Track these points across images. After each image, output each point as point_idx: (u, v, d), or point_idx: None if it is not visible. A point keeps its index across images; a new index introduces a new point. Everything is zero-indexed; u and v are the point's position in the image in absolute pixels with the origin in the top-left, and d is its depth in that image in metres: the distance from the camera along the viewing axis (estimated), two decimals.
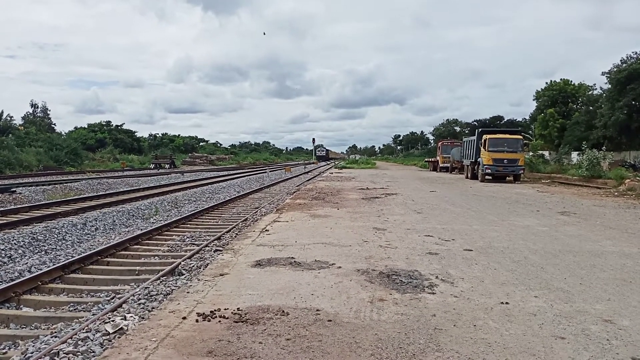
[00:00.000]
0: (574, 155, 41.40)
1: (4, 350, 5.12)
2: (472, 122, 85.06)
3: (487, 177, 27.21)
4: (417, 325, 4.21)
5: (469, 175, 30.48)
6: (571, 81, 57.38)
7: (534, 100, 61.60)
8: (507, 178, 27.79)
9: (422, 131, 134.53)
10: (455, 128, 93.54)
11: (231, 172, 43.54)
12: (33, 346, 4.96)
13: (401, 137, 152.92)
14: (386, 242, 8.05)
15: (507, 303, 4.89)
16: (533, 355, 3.63)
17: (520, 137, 29.11)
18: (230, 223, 13.16)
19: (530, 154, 37.85)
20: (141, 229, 11.93)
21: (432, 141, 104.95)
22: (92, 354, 4.35)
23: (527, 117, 73.93)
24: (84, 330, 4.90)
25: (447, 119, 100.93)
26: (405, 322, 4.29)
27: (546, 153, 45.68)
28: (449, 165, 40.04)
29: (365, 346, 3.73)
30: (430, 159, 50.63)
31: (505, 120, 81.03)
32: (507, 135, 28.40)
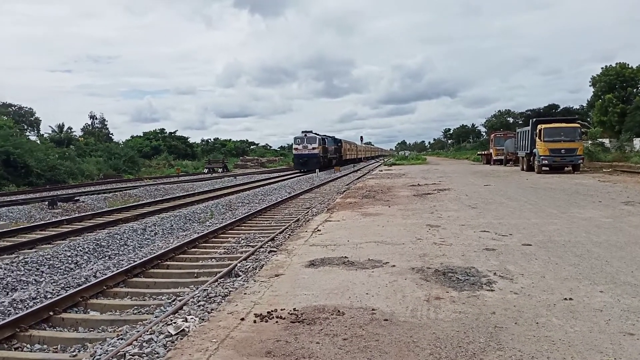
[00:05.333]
0: (637, 142, 39.41)
1: (74, 353, 5.38)
2: (526, 112, 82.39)
3: (544, 168, 26.29)
4: (476, 323, 4.12)
5: (524, 167, 29.56)
6: (629, 64, 54.60)
7: (590, 86, 59.10)
8: (566, 168, 26.78)
9: (473, 124, 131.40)
10: (508, 119, 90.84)
11: (281, 173, 44.09)
12: (101, 349, 5.18)
13: (452, 131, 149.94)
14: (440, 239, 7.93)
15: (570, 299, 4.72)
16: (600, 353, 3.49)
17: (578, 125, 27.94)
18: (283, 224, 13.31)
19: (589, 142, 36.32)
20: (198, 233, 12.25)
21: (484, 134, 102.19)
22: (157, 355, 4.51)
23: (585, 104, 70.94)
24: (148, 333, 5.08)
25: (499, 110, 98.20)
26: (464, 320, 4.21)
27: (606, 141, 43.74)
28: (502, 157, 38.96)
29: (423, 345, 3.69)
30: (483, 152, 49.40)
31: (561, 108, 77.95)
32: (564, 124, 27.32)
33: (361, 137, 78.08)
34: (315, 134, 45.61)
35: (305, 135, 44.62)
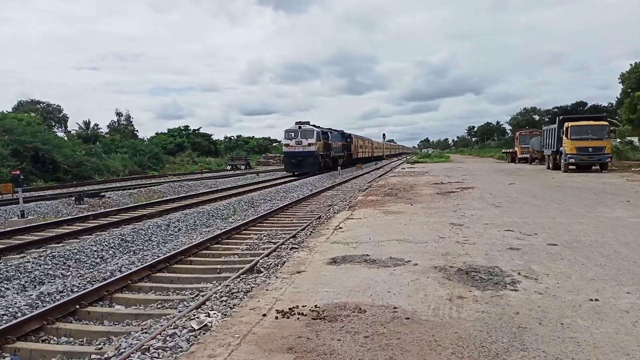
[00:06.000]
0: None
1: (99, 346, 5.48)
2: (552, 109, 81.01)
3: (570, 167, 25.79)
4: (499, 323, 4.08)
5: (550, 165, 29.06)
6: None
7: (619, 83, 57.72)
8: (593, 167, 26.22)
9: (498, 121, 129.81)
10: (534, 116, 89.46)
11: None
12: (126, 342, 5.28)
13: (476, 129, 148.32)
14: (463, 238, 7.85)
15: (596, 300, 4.62)
16: (627, 355, 3.42)
17: (606, 123, 27.34)
18: (305, 221, 13.34)
19: (618, 140, 35.49)
20: (221, 229, 12.37)
21: (509, 131, 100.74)
22: (180, 349, 4.57)
23: (613, 102, 69.38)
24: (172, 327, 5.16)
25: (525, 108, 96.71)
26: (487, 320, 4.16)
27: (635, 139, 42.64)
28: (528, 155, 38.36)
29: (445, 344, 3.66)
30: (508, 150, 48.74)
31: (589, 105, 76.51)
32: (591, 122, 26.73)
33: (384, 135, 77.70)
34: (313, 126, 37.03)
35: (300, 127, 35.68)
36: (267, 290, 5.29)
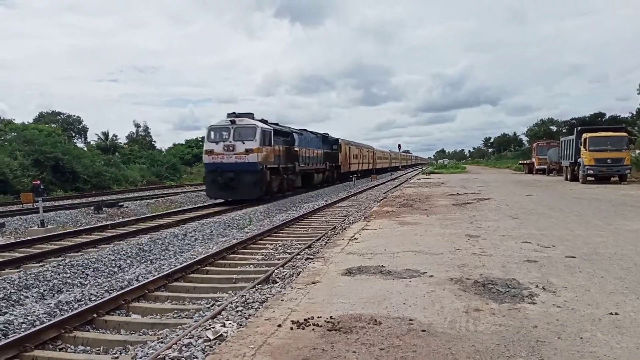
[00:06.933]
0: None
1: (116, 355, 5.53)
2: (570, 120, 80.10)
3: (589, 178, 25.48)
4: (517, 337, 4.03)
5: (568, 177, 28.75)
6: None
7: (638, 94, 56.99)
8: (612, 179, 25.89)
9: (514, 132, 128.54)
10: (552, 127, 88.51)
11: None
12: (142, 351, 5.32)
13: (492, 140, 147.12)
14: (480, 250, 7.78)
15: (616, 314, 4.55)
16: None
17: (625, 134, 27.03)
18: (320, 231, 13.34)
19: (637, 151, 34.92)
20: (237, 239, 12.42)
21: (526, 142, 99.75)
22: (195, 359, 4.59)
23: (633, 113, 68.39)
24: (187, 337, 5.19)
25: (542, 119, 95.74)
26: (504, 333, 4.12)
27: None
28: (545, 167, 38.00)
29: (462, 358, 3.63)
30: (525, 161, 48.28)
31: (608, 116, 75.42)
32: (610, 133, 26.46)
33: (399, 145, 77.30)
34: (261, 120, 22.96)
35: (233, 122, 21.47)
36: (282, 300, 5.30)
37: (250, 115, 22.59)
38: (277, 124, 25.84)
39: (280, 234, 13.40)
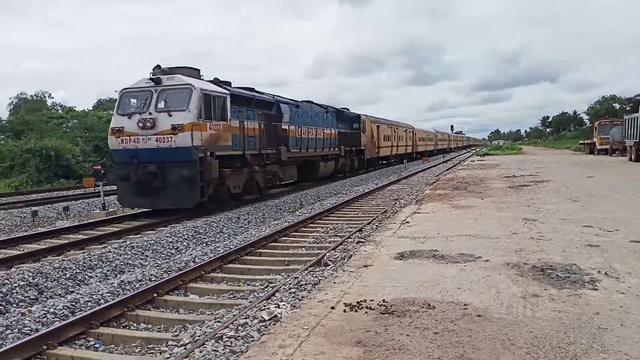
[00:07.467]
0: None
1: (176, 333, 5.74)
2: (635, 97, 75.87)
3: None
4: (577, 323, 3.89)
5: (632, 157, 27.32)
6: None
7: None
8: None
9: (575, 111, 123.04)
10: (614, 105, 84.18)
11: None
12: (200, 330, 5.50)
13: (550, 119, 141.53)
14: (538, 234, 7.54)
15: None
16: None
17: None
18: (371, 215, 13.30)
19: None
20: (288, 222, 12.57)
21: (586, 121, 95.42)
22: (251, 338, 4.70)
23: None
24: (243, 317, 5.31)
25: (604, 96, 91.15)
26: (564, 319, 3.99)
27: None
28: (608, 147, 36.28)
29: (519, 344, 3.54)
30: (586, 141, 46.31)
31: None
32: None
33: (452, 126, 75.50)
34: (215, 81, 14.99)
35: (157, 83, 13.19)
36: (334, 283, 5.33)
37: (189, 71, 14.15)
38: (252, 89, 17.90)
39: (330, 217, 13.45)
